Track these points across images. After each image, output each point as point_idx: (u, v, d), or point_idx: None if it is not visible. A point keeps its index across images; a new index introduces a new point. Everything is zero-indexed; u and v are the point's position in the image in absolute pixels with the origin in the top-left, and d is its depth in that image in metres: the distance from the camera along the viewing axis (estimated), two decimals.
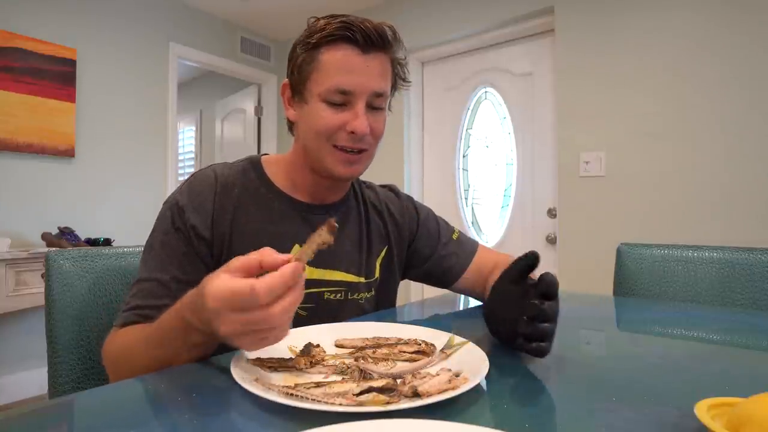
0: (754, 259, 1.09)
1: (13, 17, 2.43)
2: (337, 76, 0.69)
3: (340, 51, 0.70)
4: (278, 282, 0.42)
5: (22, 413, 0.42)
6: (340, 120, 0.71)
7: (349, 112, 0.71)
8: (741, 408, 0.32)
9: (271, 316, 0.43)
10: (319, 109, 0.71)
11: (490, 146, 2.87)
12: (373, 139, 0.75)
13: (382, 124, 0.75)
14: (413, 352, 0.53)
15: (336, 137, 0.72)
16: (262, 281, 0.42)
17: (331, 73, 0.70)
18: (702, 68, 2.04)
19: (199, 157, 4.83)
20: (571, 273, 2.39)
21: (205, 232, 0.70)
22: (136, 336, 0.60)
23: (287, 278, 0.43)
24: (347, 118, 0.71)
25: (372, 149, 0.76)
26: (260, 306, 0.42)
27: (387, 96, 0.75)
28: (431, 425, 0.34)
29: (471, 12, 2.77)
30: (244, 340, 0.45)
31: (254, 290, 0.41)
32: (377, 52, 0.71)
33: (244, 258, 0.45)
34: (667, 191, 2.12)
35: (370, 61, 0.71)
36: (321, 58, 0.71)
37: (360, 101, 0.71)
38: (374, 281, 0.84)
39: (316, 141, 0.73)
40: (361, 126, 0.70)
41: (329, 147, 0.72)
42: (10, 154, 2.42)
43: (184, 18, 3.24)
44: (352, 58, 0.70)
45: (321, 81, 0.71)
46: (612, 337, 0.75)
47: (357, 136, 0.71)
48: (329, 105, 0.71)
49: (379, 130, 0.75)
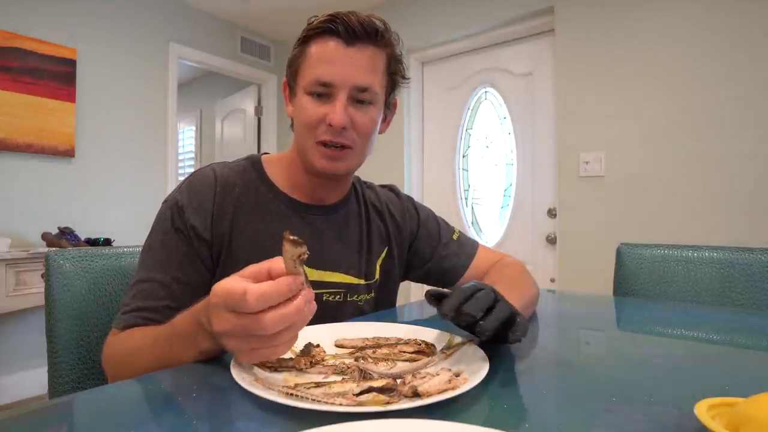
0: (754, 259, 1.09)
1: (13, 17, 2.43)
2: (318, 68, 0.69)
3: (323, 43, 0.70)
4: (271, 290, 0.41)
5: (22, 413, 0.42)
6: (321, 112, 0.70)
7: (330, 104, 0.70)
8: (741, 408, 0.32)
9: (260, 323, 0.41)
10: (303, 102, 0.71)
11: (490, 146, 2.87)
12: (357, 136, 0.72)
13: (368, 120, 0.72)
14: (413, 352, 0.53)
15: (317, 131, 0.71)
16: (255, 286, 0.41)
17: (314, 64, 0.70)
18: (702, 68, 2.04)
19: (199, 157, 4.83)
20: (571, 273, 2.39)
21: (204, 232, 0.69)
22: (142, 339, 0.60)
23: (282, 288, 0.42)
24: (328, 110, 0.70)
25: (358, 146, 0.73)
26: (251, 311, 0.41)
27: (374, 91, 0.72)
28: (431, 425, 0.34)
29: (471, 12, 2.77)
30: (234, 342, 0.44)
31: (245, 293, 0.41)
32: (363, 45, 0.70)
33: (257, 264, 0.45)
34: (667, 191, 2.12)
35: (354, 54, 0.69)
36: (308, 52, 0.71)
37: (341, 93, 0.69)
38: (374, 283, 0.84)
39: (302, 135, 0.73)
40: (337, 118, 0.68)
41: (312, 141, 0.72)
42: (10, 154, 2.42)
43: (184, 18, 3.24)
44: (334, 49, 0.69)
45: (305, 74, 0.71)
46: (612, 337, 0.75)
47: (335, 128, 0.69)
48: (312, 97, 0.71)
49: (364, 125, 0.72)
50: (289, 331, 0.44)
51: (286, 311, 0.42)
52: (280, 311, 0.42)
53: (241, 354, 0.45)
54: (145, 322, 0.64)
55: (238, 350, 0.45)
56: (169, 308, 0.65)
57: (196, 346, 0.51)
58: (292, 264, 0.42)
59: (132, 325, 0.64)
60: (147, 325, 0.64)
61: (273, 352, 0.45)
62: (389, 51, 0.74)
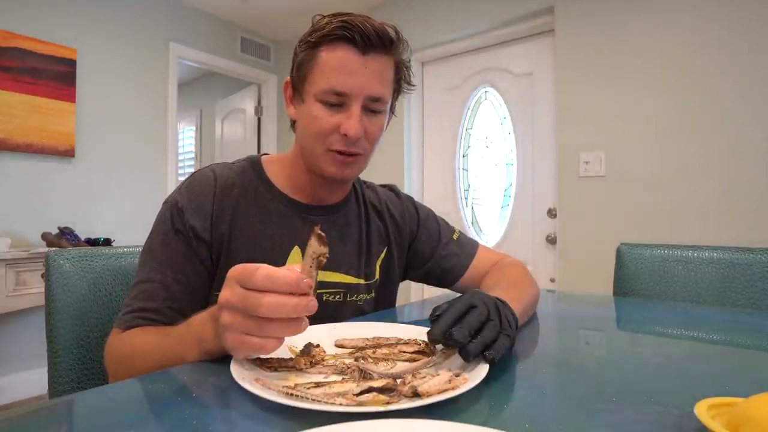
0: (754, 259, 1.09)
1: (13, 17, 2.43)
2: (333, 77, 0.68)
3: (337, 51, 0.68)
4: (280, 275, 0.43)
5: (22, 413, 0.42)
6: (334, 122, 0.69)
7: (344, 114, 0.69)
8: (741, 408, 0.32)
9: (258, 299, 0.43)
10: (314, 110, 0.70)
11: (490, 146, 2.87)
12: (368, 144, 0.73)
13: (378, 128, 0.73)
14: (413, 352, 0.53)
15: (330, 140, 0.70)
16: (269, 267, 0.44)
17: (327, 73, 0.68)
18: (702, 68, 2.04)
19: (199, 157, 4.83)
20: (571, 273, 2.39)
21: (204, 233, 0.69)
22: (146, 340, 0.61)
23: (291, 277, 0.43)
24: (341, 119, 0.69)
25: (367, 153, 0.74)
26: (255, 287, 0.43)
27: (385, 100, 0.72)
28: (431, 425, 0.34)
29: (471, 12, 2.77)
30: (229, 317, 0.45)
31: (258, 269, 0.43)
32: (377, 54, 0.69)
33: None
34: (667, 191, 2.12)
35: (369, 63, 0.69)
36: (319, 58, 0.70)
37: (355, 104, 0.69)
38: (374, 283, 0.84)
39: (311, 142, 0.72)
40: (354, 129, 0.68)
41: (323, 149, 0.71)
42: (10, 154, 2.42)
43: (184, 18, 3.24)
44: (349, 58, 0.68)
45: (317, 81, 0.69)
46: (612, 337, 0.75)
47: (350, 139, 0.69)
48: (324, 105, 0.70)
49: (374, 134, 0.73)
50: (280, 326, 0.44)
51: (284, 300, 0.43)
52: (280, 298, 0.43)
53: (231, 333, 0.45)
54: (146, 322, 0.64)
55: (230, 326, 0.45)
56: (169, 309, 0.66)
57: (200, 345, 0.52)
58: (310, 263, 0.44)
59: (133, 325, 0.64)
60: (148, 326, 0.64)
61: (260, 344, 0.45)
62: (398, 58, 0.74)
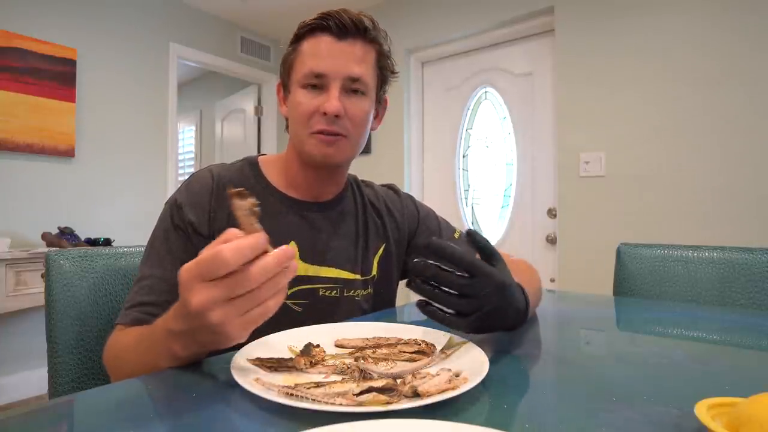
0: (754, 259, 1.09)
1: (13, 17, 2.43)
2: (311, 61, 0.73)
3: (315, 39, 0.74)
4: (243, 243, 0.40)
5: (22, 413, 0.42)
6: (315, 104, 0.73)
7: (324, 95, 0.73)
8: (741, 408, 0.32)
9: (246, 274, 0.40)
10: (298, 96, 0.74)
11: (490, 146, 2.87)
12: (351, 125, 0.75)
13: (360, 111, 0.75)
14: (413, 352, 0.53)
15: (312, 122, 0.73)
16: (227, 244, 0.40)
17: (307, 59, 0.74)
18: (701, 68, 2.04)
19: (199, 157, 4.83)
20: (571, 273, 2.39)
21: (202, 228, 0.71)
22: (134, 338, 0.60)
23: (252, 241, 0.41)
24: (322, 101, 0.72)
25: (352, 136, 0.76)
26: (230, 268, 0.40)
27: (366, 82, 0.75)
28: (431, 425, 0.34)
29: (471, 12, 2.77)
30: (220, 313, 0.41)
31: (219, 252, 0.39)
32: (354, 39, 0.74)
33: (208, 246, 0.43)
34: (667, 191, 2.12)
35: (346, 47, 0.73)
36: (300, 49, 0.75)
37: (334, 84, 0.72)
38: (371, 279, 0.84)
39: (297, 128, 0.76)
40: (331, 106, 0.71)
41: (307, 133, 0.74)
42: (10, 154, 2.42)
43: (184, 18, 3.24)
44: (326, 43, 0.73)
45: (298, 69, 0.75)
46: (612, 337, 0.75)
47: (329, 117, 0.72)
48: (306, 90, 0.74)
49: (357, 116, 0.75)
50: (273, 284, 0.42)
51: (263, 262, 0.41)
52: (260, 262, 0.41)
53: (231, 324, 0.42)
54: (147, 317, 0.64)
55: (227, 320, 0.42)
56: (170, 302, 0.65)
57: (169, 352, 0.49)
58: (249, 222, 0.41)
59: (134, 319, 0.65)
60: (149, 321, 0.64)
61: (264, 311, 0.43)
62: (378, 47, 0.78)
